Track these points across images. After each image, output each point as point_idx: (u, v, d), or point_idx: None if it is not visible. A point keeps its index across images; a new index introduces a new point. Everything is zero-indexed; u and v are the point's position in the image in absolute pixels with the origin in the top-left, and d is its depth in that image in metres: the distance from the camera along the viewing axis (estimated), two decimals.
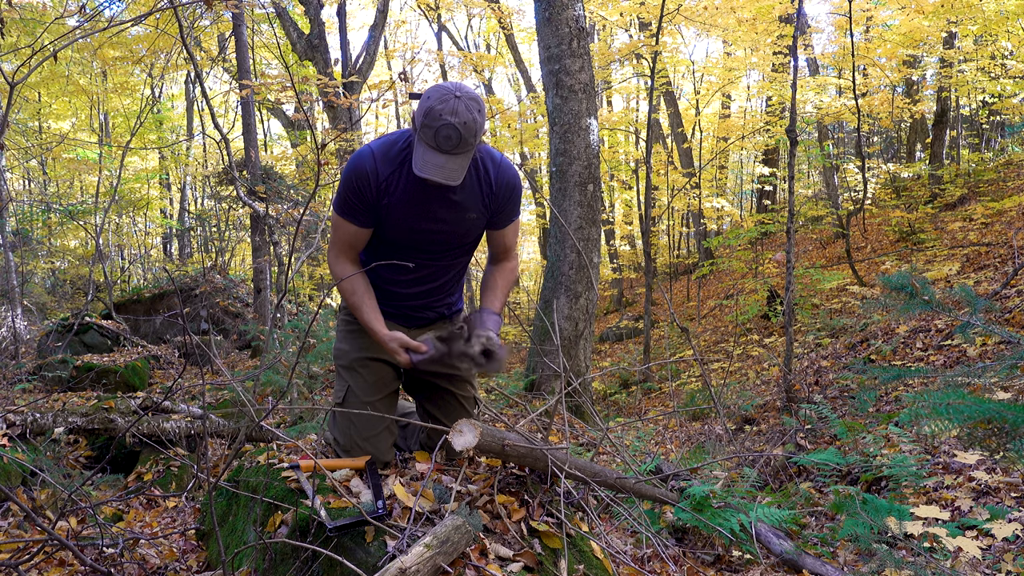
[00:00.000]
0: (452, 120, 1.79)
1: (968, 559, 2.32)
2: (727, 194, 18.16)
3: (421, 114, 1.84)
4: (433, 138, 1.82)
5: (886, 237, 10.12)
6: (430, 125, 1.81)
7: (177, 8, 5.02)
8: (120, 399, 5.22)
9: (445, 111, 1.80)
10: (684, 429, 5.48)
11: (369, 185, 1.99)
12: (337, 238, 2.10)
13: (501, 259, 2.24)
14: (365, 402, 2.19)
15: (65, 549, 2.29)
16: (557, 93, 5.59)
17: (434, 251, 2.14)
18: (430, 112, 1.81)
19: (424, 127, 1.83)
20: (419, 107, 1.86)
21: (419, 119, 1.85)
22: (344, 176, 2.02)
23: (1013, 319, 4.89)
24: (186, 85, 16.79)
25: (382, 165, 1.99)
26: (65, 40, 5.35)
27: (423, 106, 1.84)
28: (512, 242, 2.23)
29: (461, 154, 1.85)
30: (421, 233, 2.09)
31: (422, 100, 1.86)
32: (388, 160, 2.00)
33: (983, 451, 2.93)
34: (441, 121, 1.80)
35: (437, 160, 1.83)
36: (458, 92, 1.83)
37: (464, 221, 2.10)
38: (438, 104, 1.81)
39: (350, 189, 2.00)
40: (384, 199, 2.01)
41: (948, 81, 10.44)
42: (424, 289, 2.22)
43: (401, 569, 1.62)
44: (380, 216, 2.05)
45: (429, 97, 1.84)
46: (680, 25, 11.88)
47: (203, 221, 16.05)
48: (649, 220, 9.46)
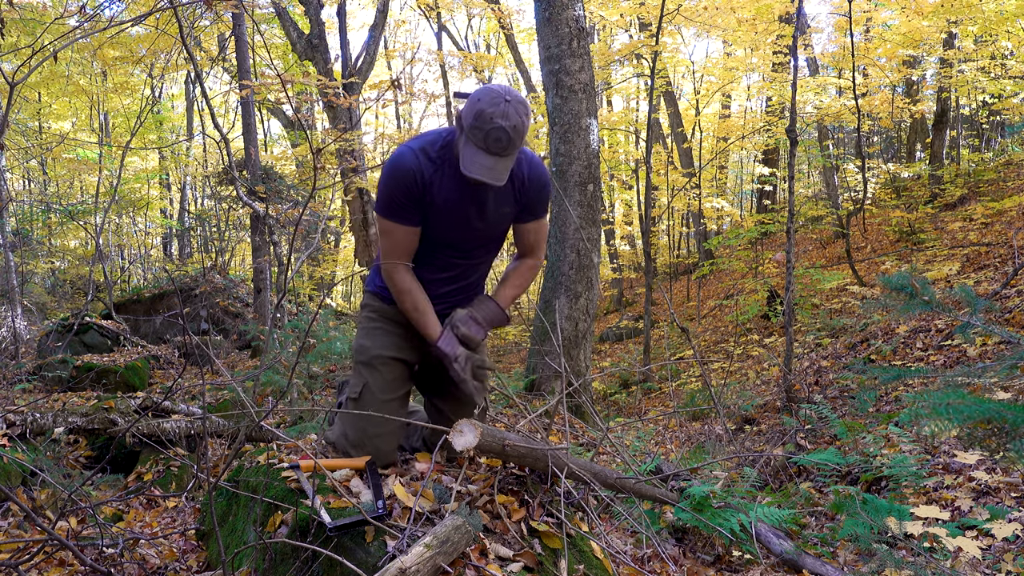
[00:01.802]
0: (503, 123, 1.82)
1: (968, 559, 2.32)
2: (727, 194, 18.17)
3: (472, 116, 1.84)
4: (484, 140, 1.84)
5: (886, 237, 10.12)
6: (480, 127, 1.83)
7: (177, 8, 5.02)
8: (120, 399, 5.22)
9: (496, 114, 1.82)
10: (684, 429, 5.48)
11: (416, 182, 1.99)
12: (390, 246, 2.07)
13: (524, 255, 2.27)
14: (381, 400, 2.20)
15: (65, 549, 2.29)
16: (557, 93, 5.59)
17: (468, 248, 2.18)
18: (481, 115, 1.83)
19: (474, 128, 1.84)
20: (468, 108, 1.86)
21: (468, 120, 1.85)
22: (387, 176, 2.00)
23: (1013, 319, 4.89)
24: (186, 85, 16.80)
25: (425, 163, 2.00)
26: (65, 40, 5.34)
27: (473, 108, 1.85)
28: (535, 240, 2.24)
29: (508, 156, 1.88)
30: (459, 231, 2.12)
31: (471, 101, 1.87)
32: (430, 159, 2.00)
33: (983, 451, 2.93)
34: (492, 124, 1.82)
35: (486, 161, 1.85)
36: (508, 96, 1.85)
37: (498, 217, 2.14)
38: (489, 107, 1.82)
39: (398, 188, 1.99)
40: (427, 197, 2.02)
41: (948, 81, 10.43)
42: (458, 287, 2.25)
43: (401, 569, 1.62)
44: (422, 215, 2.06)
45: (479, 99, 1.85)
46: (680, 25, 11.87)
47: (203, 221, 16.05)
48: (649, 220, 9.46)
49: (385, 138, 13.27)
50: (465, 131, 1.87)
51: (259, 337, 7.93)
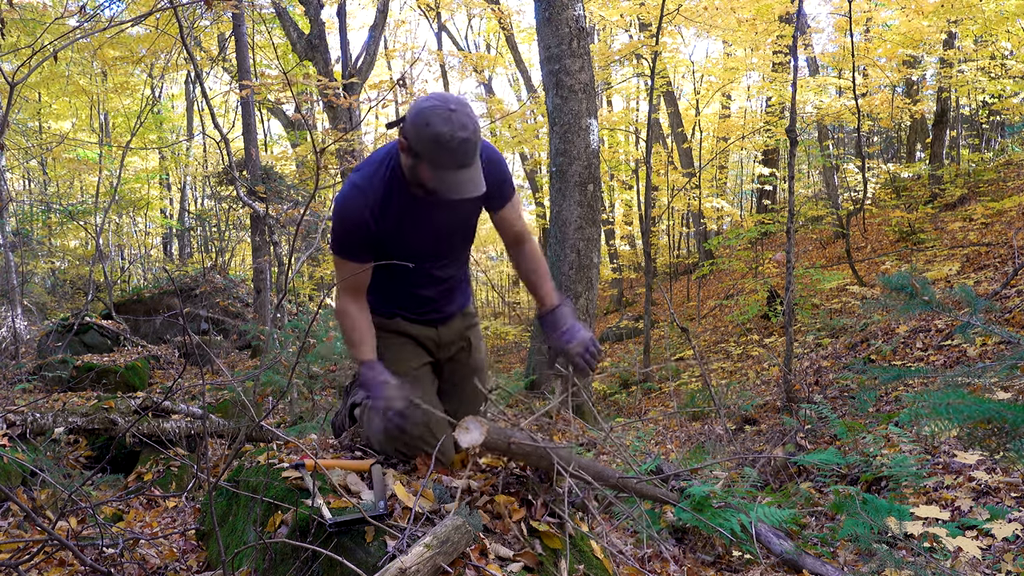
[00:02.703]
0: (463, 135, 1.79)
1: (968, 559, 2.32)
2: (727, 194, 18.17)
3: (429, 141, 1.79)
4: (452, 158, 1.80)
5: (886, 237, 10.12)
6: (445, 147, 1.79)
7: (177, 8, 5.02)
8: (120, 399, 5.23)
9: (455, 129, 1.78)
10: (684, 429, 5.48)
11: (365, 223, 1.99)
12: (343, 282, 2.09)
13: (519, 242, 2.24)
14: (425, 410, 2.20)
15: (65, 549, 2.29)
16: (557, 93, 5.59)
17: (443, 251, 2.18)
18: (439, 137, 1.78)
19: (437, 152, 1.80)
20: (418, 135, 1.81)
21: (427, 147, 1.80)
22: (337, 219, 2.01)
23: (1013, 319, 4.89)
24: (186, 85, 16.80)
25: (373, 199, 1.99)
26: (65, 40, 5.34)
27: (425, 133, 1.79)
28: (520, 223, 2.23)
29: (476, 159, 1.85)
30: (431, 240, 2.12)
31: (418, 127, 1.81)
32: (374, 189, 1.99)
33: (983, 451, 2.93)
34: (454, 140, 1.78)
35: (462, 177, 1.83)
36: (452, 105, 1.81)
37: (465, 213, 2.14)
38: (443, 126, 1.78)
39: (345, 230, 2.01)
40: (382, 225, 2.02)
41: (948, 81, 10.43)
42: (447, 287, 2.26)
43: (401, 569, 1.62)
44: (385, 242, 2.05)
45: (429, 124, 1.79)
46: (680, 25, 11.87)
47: (203, 221, 16.06)
48: (649, 220, 9.46)
49: (385, 138, 13.27)
50: (424, 158, 1.83)
51: (259, 337, 7.93)
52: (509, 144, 16.74)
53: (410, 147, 1.85)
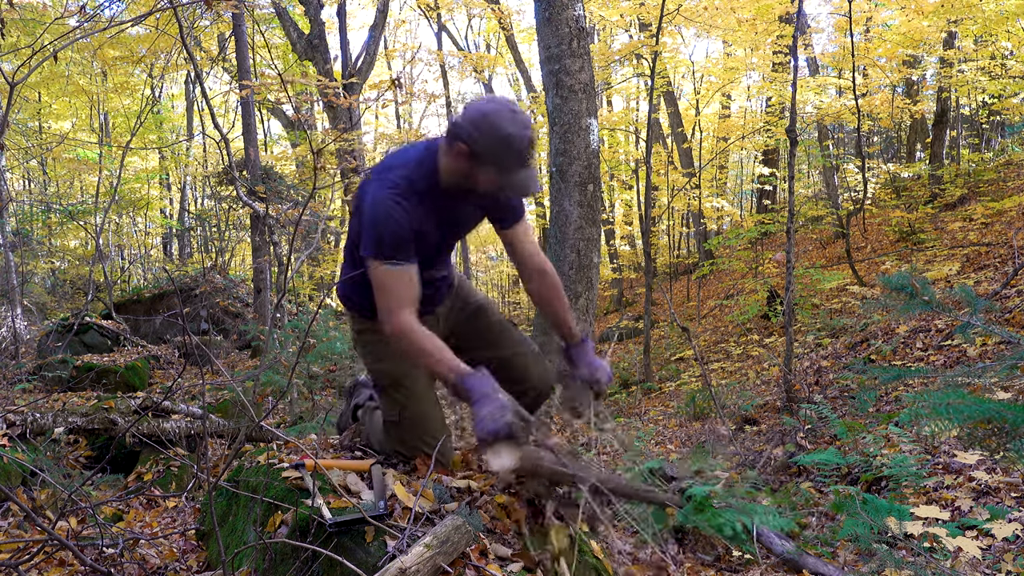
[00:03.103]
0: (528, 134, 1.84)
1: (968, 559, 2.32)
2: (727, 194, 18.17)
3: (500, 144, 1.82)
4: (518, 158, 1.84)
5: (886, 237, 10.12)
6: (514, 149, 1.83)
7: (177, 8, 5.02)
8: (120, 399, 5.23)
9: (521, 128, 1.82)
10: (684, 429, 5.49)
11: (408, 222, 1.93)
12: (397, 292, 1.91)
13: (539, 271, 2.18)
14: (425, 411, 2.17)
15: (65, 549, 2.29)
16: (557, 93, 5.59)
17: (444, 252, 2.20)
18: (510, 139, 1.81)
19: (507, 153, 1.83)
20: (486, 138, 1.82)
21: (496, 148, 1.82)
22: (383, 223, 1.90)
23: (1013, 319, 4.89)
24: (186, 85, 16.80)
25: (412, 199, 1.94)
26: (65, 40, 5.34)
27: (496, 136, 1.81)
28: (534, 245, 2.17)
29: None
30: (439, 242, 2.11)
31: (489, 128, 1.82)
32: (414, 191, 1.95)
33: (983, 451, 2.93)
34: (522, 139, 1.82)
35: (526, 175, 1.87)
36: (511, 106, 1.86)
37: (474, 219, 2.16)
38: (512, 127, 1.81)
39: (393, 232, 1.90)
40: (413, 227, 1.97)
41: (948, 81, 10.43)
42: (448, 270, 2.26)
43: (401, 569, 1.62)
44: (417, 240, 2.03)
45: (499, 124, 1.81)
46: (680, 26, 11.86)
47: (203, 221, 16.06)
48: (649, 220, 9.46)
49: (385, 138, 13.27)
50: (490, 161, 1.84)
51: (259, 337, 7.93)
52: None
53: (473, 152, 1.84)
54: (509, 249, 2.19)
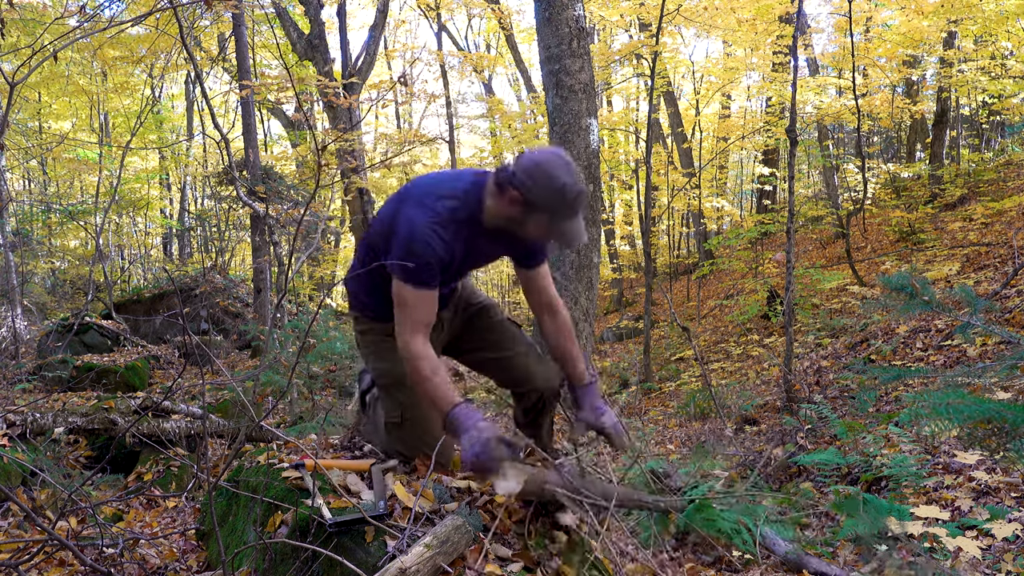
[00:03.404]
0: (581, 187, 1.88)
1: (968, 559, 2.32)
2: (727, 194, 18.17)
3: (556, 194, 1.85)
4: (571, 208, 1.88)
5: (886, 237, 10.12)
6: (567, 200, 1.87)
7: (177, 8, 5.02)
8: (120, 399, 5.23)
9: (576, 180, 1.86)
10: (684, 429, 5.49)
11: (441, 253, 1.96)
12: (416, 313, 1.97)
13: (552, 312, 2.20)
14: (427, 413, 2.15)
15: (65, 549, 2.29)
16: (557, 93, 5.59)
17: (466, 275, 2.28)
18: (565, 190, 1.85)
19: (560, 204, 1.87)
20: (542, 188, 1.85)
21: (550, 198, 1.86)
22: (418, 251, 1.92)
23: (1013, 319, 4.89)
24: (186, 85, 16.80)
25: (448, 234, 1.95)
26: (65, 40, 5.34)
27: (552, 187, 1.85)
28: (552, 289, 2.20)
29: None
30: (473, 266, 2.19)
31: (541, 181, 1.85)
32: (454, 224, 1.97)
33: (983, 451, 2.93)
34: (576, 192, 1.87)
35: (575, 225, 1.91)
36: (564, 157, 1.89)
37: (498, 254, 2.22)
38: (567, 177, 1.85)
39: (427, 262, 1.93)
40: (448, 257, 1.99)
41: (948, 81, 10.43)
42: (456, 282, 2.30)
43: (401, 569, 1.62)
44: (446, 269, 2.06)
45: (553, 178, 1.85)
46: (680, 26, 11.86)
47: (203, 221, 16.06)
48: (649, 220, 9.46)
49: (385, 138, 13.27)
50: (544, 210, 1.88)
51: (259, 337, 7.94)
52: (509, 144, 16.75)
53: (526, 200, 1.87)
54: (525, 286, 2.21)
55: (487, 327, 2.33)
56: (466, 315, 2.32)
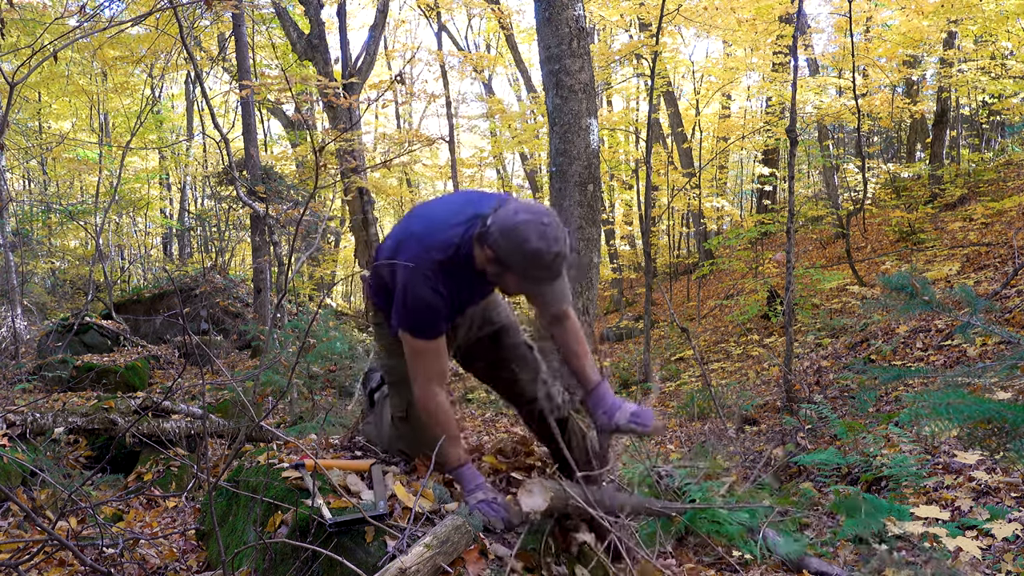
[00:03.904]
0: (557, 249, 1.79)
1: (968, 559, 2.32)
2: (727, 194, 18.16)
3: (527, 257, 1.79)
4: (548, 273, 1.83)
5: (886, 237, 10.12)
6: (541, 263, 1.80)
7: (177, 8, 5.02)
8: (120, 399, 5.23)
9: (550, 245, 1.78)
10: (684, 429, 5.48)
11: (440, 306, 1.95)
12: (426, 365, 1.99)
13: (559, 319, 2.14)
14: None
15: (65, 549, 2.29)
16: (557, 93, 5.58)
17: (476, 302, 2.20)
18: (538, 254, 1.78)
19: (535, 268, 1.81)
20: (514, 250, 1.80)
21: (523, 262, 1.81)
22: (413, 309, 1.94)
23: (1013, 319, 4.89)
24: (186, 85, 16.79)
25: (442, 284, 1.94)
26: (65, 40, 5.34)
27: (523, 249, 1.79)
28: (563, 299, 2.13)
29: (565, 269, 1.87)
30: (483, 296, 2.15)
31: (513, 242, 1.80)
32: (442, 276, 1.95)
33: (983, 451, 2.93)
34: (550, 256, 1.79)
35: (556, 287, 1.87)
36: (545, 219, 1.81)
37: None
38: (540, 242, 1.78)
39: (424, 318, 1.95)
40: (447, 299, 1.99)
41: (948, 81, 10.43)
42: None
43: (401, 569, 1.62)
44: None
45: (525, 240, 1.78)
46: (680, 26, 11.86)
47: (203, 221, 16.05)
48: (649, 220, 9.46)
49: (385, 138, 13.27)
50: (515, 271, 1.84)
51: (259, 337, 7.93)
52: (509, 144, 16.75)
53: (499, 259, 1.83)
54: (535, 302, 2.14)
55: (499, 347, 2.29)
56: (480, 333, 2.29)
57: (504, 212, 1.84)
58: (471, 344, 2.28)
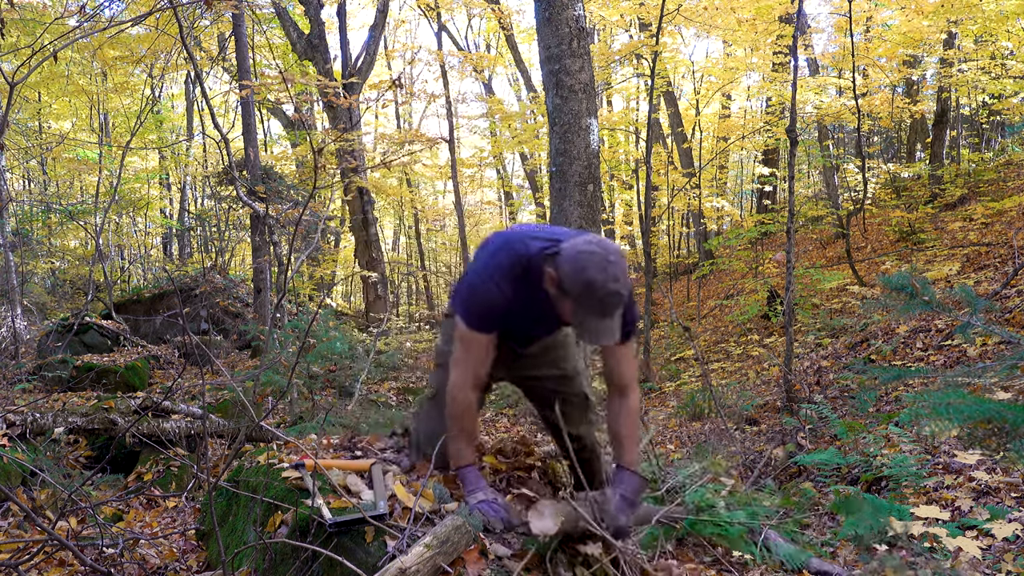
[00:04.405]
0: (615, 288, 1.82)
1: (968, 559, 2.32)
2: (727, 194, 18.15)
3: (581, 285, 1.83)
4: (599, 306, 1.84)
5: (886, 237, 10.12)
6: (593, 296, 1.83)
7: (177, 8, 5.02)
8: (120, 399, 5.23)
9: (608, 280, 1.81)
10: (684, 429, 5.48)
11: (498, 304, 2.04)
12: (470, 359, 2.08)
13: (622, 392, 2.18)
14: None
15: (65, 549, 2.29)
16: (557, 93, 5.59)
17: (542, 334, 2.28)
18: (592, 285, 1.82)
19: (585, 297, 1.84)
20: (572, 275, 1.85)
21: (577, 289, 1.84)
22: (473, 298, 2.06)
23: (1013, 319, 4.89)
24: (186, 85, 16.78)
25: (506, 285, 2.03)
26: (65, 40, 5.34)
27: (580, 276, 1.83)
28: (630, 367, 2.18)
29: (619, 311, 1.88)
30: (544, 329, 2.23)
31: (574, 268, 1.85)
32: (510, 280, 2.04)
33: (983, 451, 2.93)
34: (606, 291, 1.81)
35: (602, 325, 1.87)
36: (610, 256, 1.84)
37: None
38: (598, 274, 1.81)
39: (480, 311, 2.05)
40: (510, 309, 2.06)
41: (948, 81, 10.43)
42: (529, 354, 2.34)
43: (401, 569, 1.62)
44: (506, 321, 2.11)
45: (585, 268, 1.83)
46: (680, 25, 11.85)
47: (203, 221, 16.05)
48: (649, 220, 9.46)
49: (385, 138, 13.27)
50: (571, 297, 1.87)
51: (259, 337, 7.93)
52: (509, 144, 16.74)
53: (560, 282, 1.88)
54: (603, 360, 2.19)
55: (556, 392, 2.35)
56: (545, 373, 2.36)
57: (577, 240, 1.90)
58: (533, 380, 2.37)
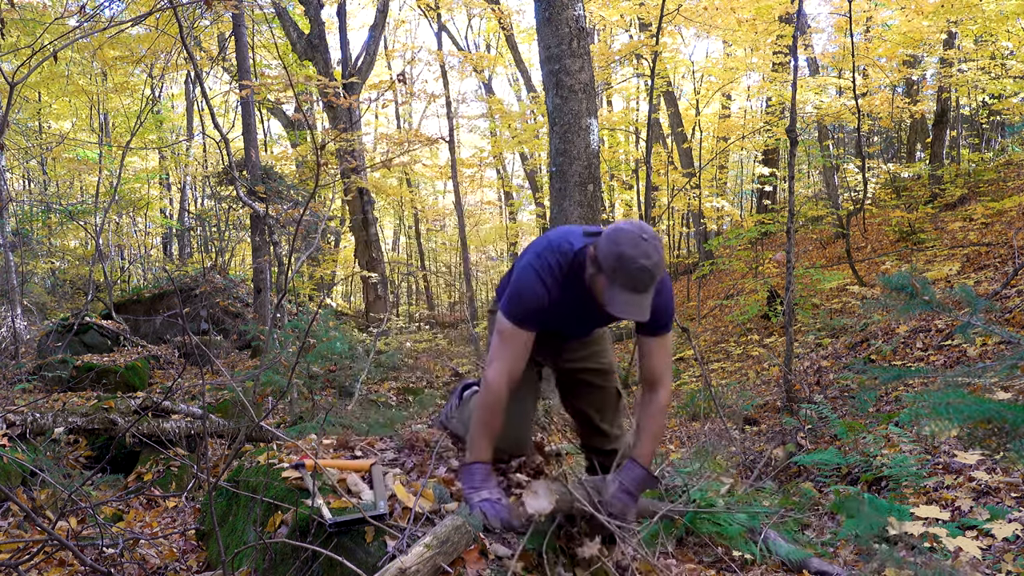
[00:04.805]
0: (646, 264, 1.89)
1: (968, 559, 2.32)
2: (727, 194, 18.15)
3: (613, 258, 1.91)
4: (629, 280, 1.91)
5: (886, 237, 10.12)
6: (623, 269, 1.90)
7: (177, 8, 5.02)
8: (120, 399, 5.23)
9: (638, 255, 1.89)
10: (684, 429, 5.48)
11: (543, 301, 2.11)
12: (507, 353, 2.12)
13: (652, 387, 2.24)
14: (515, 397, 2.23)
15: (65, 549, 2.29)
16: (557, 93, 5.58)
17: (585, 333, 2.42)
18: (622, 257, 1.90)
19: (616, 271, 1.91)
20: (606, 250, 1.93)
21: (609, 262, 1.92)
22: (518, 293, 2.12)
23: (1013, 319, 4.89)
24: (186, 85, 16.78)
25: (550, 282, 2.10)
26: (65, 40, 5.34)
27: (613, 251, 1.91)
28: (661, 364, 2.24)
29: (652, 290, 1.95)
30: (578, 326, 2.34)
31: (609, 243, 1.94)
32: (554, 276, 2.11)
33: (983, 451, 2.93)
34: (636, 265, 1.89)
35: (632, 299, 1.93)
36: (644, 234, 1.93)
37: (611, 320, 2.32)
38: (630, 249, 1.89)
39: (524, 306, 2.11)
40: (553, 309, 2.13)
41: (948, 81, 10.42)
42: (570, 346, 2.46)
43: (401, 569, 1.62)
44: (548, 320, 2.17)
45: (619, 243, 1.91)
46: (680, 25, 11.85)
47: (203, 221, 16.05)
48: (649, 220, 9.46)
49: (385, 138, 13.26)
50: (605, 272, 1.94)
51: (259, 337, 7.93)
52: (509, 144, 16.74)
53: (596, 258, 1.98)
54: (639, 353, 2.29)
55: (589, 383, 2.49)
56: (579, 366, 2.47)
57: (619, 222, 2.00)
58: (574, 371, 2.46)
